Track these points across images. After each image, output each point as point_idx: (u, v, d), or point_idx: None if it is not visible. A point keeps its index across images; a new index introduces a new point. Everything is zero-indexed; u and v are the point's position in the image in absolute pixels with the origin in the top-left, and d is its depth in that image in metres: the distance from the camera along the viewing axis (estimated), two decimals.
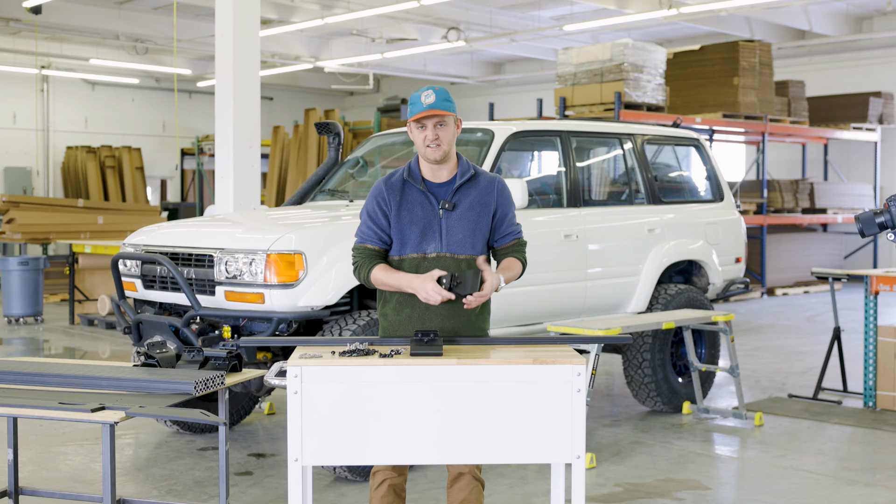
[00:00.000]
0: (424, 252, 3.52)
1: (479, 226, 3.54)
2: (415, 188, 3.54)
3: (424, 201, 3.54)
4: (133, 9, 17.16)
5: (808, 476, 5.29)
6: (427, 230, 3.52)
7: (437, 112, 3.43)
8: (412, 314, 3.53)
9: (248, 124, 9.22)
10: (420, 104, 3.45)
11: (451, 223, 3.52)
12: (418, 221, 3.52)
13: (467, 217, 3.53)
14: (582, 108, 12.54)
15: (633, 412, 6.86)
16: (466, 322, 3.55)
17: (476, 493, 3.54)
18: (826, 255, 16.24)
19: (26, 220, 12.65)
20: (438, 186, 3.55)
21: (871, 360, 6.92)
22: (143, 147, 21.13)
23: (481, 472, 3.63)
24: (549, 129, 6.58)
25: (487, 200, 3.56)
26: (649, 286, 6.66)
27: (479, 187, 3.56)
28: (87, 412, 3.28)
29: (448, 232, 3.52)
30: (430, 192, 3.54)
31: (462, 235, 3.52)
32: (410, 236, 3.52)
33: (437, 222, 3.53)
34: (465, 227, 3.53)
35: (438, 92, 3.46)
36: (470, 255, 3.54)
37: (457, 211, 3.53)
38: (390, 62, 20.13)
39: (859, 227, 3.50)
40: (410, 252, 3.52)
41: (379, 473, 3.56)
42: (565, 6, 16.37)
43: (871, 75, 17.43)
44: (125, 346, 9.95)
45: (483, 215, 3.55)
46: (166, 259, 5.26)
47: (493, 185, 3.58)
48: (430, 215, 3.53)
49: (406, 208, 3.53)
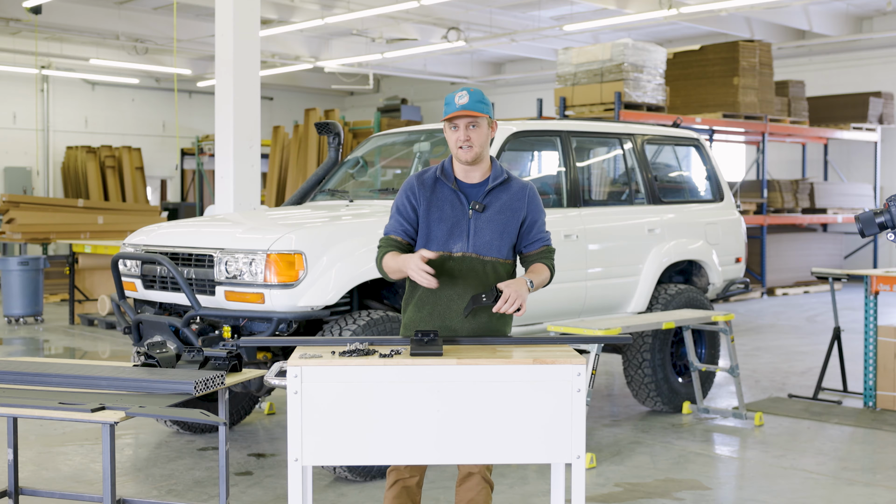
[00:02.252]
0: (451, 251, 3.52)
1: (507, 230, 3.54)
2: (446, 186, 3.54)
3: (455, 200, 3.53)
4: (133, 9, 17.16)
5: (808, 476, 5.29)
6: (455, 229, 3.52)
7: (469, 113, 3.42)
8: (433, 311, 3.53)
9: (248, 124, 9.22)
10: (453, 105, 3.45)
11: (480, 224, 3.52)
12: (447, 219, 3.52)
13: (496, 220, 3.53)
14: (582, 108, 12.54)
15: (633, 412, 6.86)
16: (487, 322, 3.55)
17: (484, 495, 3.54)
18: (826, 255, 16.24)
19: (26, 220, 12.65)
20: (470, 187, 3.55)
21: (871, 360, 6.92)
22: (143, 147, 21.13)
23: (492, 473, 3.62)
24: (549, 129, 6.58)
25: (518, 206, 3.56)
26: (649, 286, 6.66)
27: (510, 192, 3.56)
28: (87, 412, 3.28)
29: (476, 233, 3.52)
30: (461, 192, 3.54)
31: (490, 237, 3.52)
32: (437, 233, 3.52)
33: (466, 222, 3.52)
34: (493, 230, 3.52)
35: (473, 93, 3.45)
36: (496, 257, 3.53)
37: (487, 213, 3.53)
38: (390, 62, 20.13)
39: (859, 227, 3.50)
40: (437, 249, 3.52)
41: (393, 473, 3.56)
42: (565, 6, 16.37)
43: (871, 75, 17.43)
44: (125, 346, 9.95)
45: (512, 220, 3.55)
46: (166, 259, 5.26)
47: (524, 192, 3.58)
48: (458, 214, 3.53)
49: (436, 205, 3.53)
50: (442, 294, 3.52)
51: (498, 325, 3.59)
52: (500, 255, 3.55)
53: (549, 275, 3.61)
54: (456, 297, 3.52)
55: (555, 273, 3.65)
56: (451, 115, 3.43)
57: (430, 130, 6.58)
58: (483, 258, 3.53)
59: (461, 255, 3.52)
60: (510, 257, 3.60)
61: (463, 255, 3.52)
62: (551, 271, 3.62)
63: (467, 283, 3.52)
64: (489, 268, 3.53)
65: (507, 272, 3.59)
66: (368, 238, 5.17)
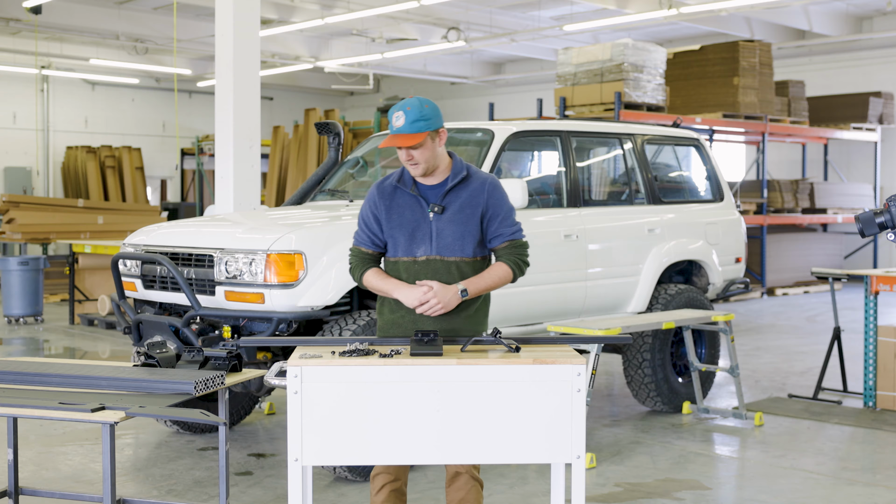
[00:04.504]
0: (415, 255, 3.53)
1: (468, 228, 3.52)
2: (405, 192, 3.55)
3: (415, 205, 3.53)
4: (133, 9, 17.16)
5: (808, 476, 5.29)
6: (416, 233, 3.52)
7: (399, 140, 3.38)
8: (407, 313, 3.54)
9: (248, 124, 9.22)
10: (391, 126, 3.43)
11: (442, 226, 3.52)
12: (407, 225, 3.52)
13: (457, 219, 3.52)
14: (582, 108, 12.54)
15: (633, 412, 6.86)
16: (464, 323, 3.55)
17: (474, 493, 3.54)
18: (826, 255, 16.24)
19: (26, 220, 12.65)
20: (430, 189, 3.55)
21: (871, 360, 6.92)
22: (143, 147, 21.12)
23: (480, 471, 3.62)
24: (549, 129, 6.58)
25: (477, 202, 3.54)
26: (649, 286, 6.66)
27: (470, 188, 3.54)
28: (87, 412, 3.28)
29: (438, 234, 3.51)
30: (420, 196, 3.54)
31: (452, 238, 3.51)
32: (400, 240, 3.53)
33: (427, 225, 3.52)
34: (454, 230, 3.51)
35: (409, 112, 3.39)
36: (460, 257, 3.53)
37: (447, 213, 3.52)
38: (390, 62, 20.13)
39: (859, 227, 3.50)
40: (402, 255, 3.55)
41: (378, 478, 3.55)
42: (565, 6, 16.37)
43: (871, 75, 17.43)
44: (125, 346, 9.95)
45: (472, 217, 3.53)
46: (166, 259, 5.26)
47: (484, 186, 3.55)
48: (419, 218, 3.53)
49: (396, 212, 3.54)
50: None
51: (472, 323, 3.58)
52: (465, 255, 3.53)
53: (508, 273, 3.56)
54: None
55: (523, 269, 3.60)
56: (385, 144, 3.40)
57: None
58: (447, 259, 3.52)
59: (425, 259, 3.52)
60: (478, 255, 3.57)
61: (427, 258, 3.52)
62: (515, 269, 3.57)
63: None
64: (454, 268, 3.52)
65: (475, 270, 3.57)
66: None
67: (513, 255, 3.59)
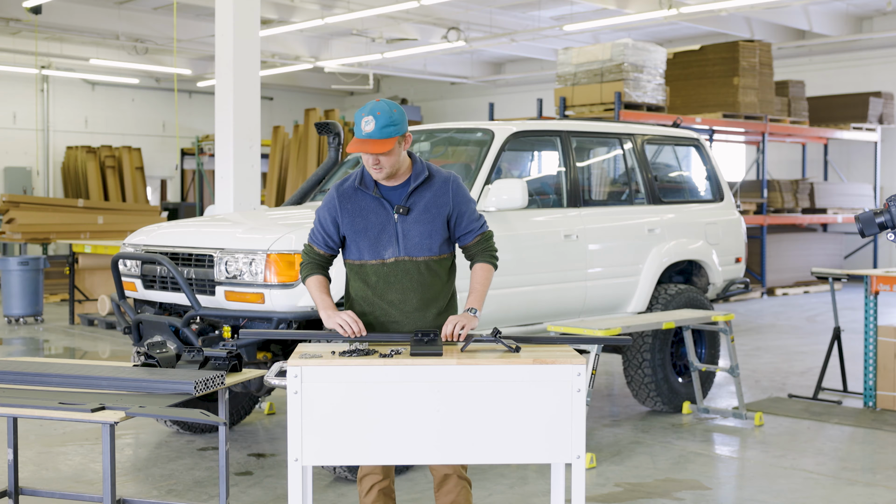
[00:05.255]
0: (383, 258, 3.53)
1: (434, 227, 3.54)
2: (367, 195, 3.54)
3: (378, 207, 3.53)
4: (133, 9, 17.16)
5: (808, 476, 5.29)
6: (382, 235, 3.52)
7: (371, 146, 3.36)
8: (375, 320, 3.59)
9: (248, 124, 9.22)
10: (359, 128, 3.40)
11: (407, 227, 3.52)
12: (372, 228, 3.52)
13: (423, 220, 3.52)
14: (582, 108, 12.53)
15: (633, 412, 6.86)
16: (435, 320, 3.58)
17: (465, 494, 3.55)
18: (826, 255, 16.24)
19: (26, 220, 12.65)
20: (392, 190, 3.54)
21: (871, 360, 6.92)
22: (143, 147, 21.12)
23: (467, 471, 3.62)
24: (549, 129, 6.58)
25: (443, 201, 3.55)
26: (649, 286, 6.66)
27: (433, 188, 3.55)
28: (87, 412, 3.28)
29: (404, 236, 3.52)
30: (383, 198, 3.53)
31: (419, 238, 3.52)
32: (366, 243, 3.53)
33: (393, 227, 3.52)
34: (421, 230, 3.52)
35: (379, 118, 3.38)
36: (428, 256, 3.54)
37: (412, 214, 3.52)
38: (390, 62, 20.13)
39: (859, 227, 3.50)
40: (369, 258, 3.54)
41: (366, 479, 3.56)
42: (565, 6, 16.37)
43: (871, 75, 17.43)
44: (125, 346, 9.95)
45: (438, 217, 3.54)
46: (166, 259, 5.26)
47: (447, 185, 3.57)
48: (384, 220, 3.52)
49: (360, 215, 3.53)
50: (381, 301, 3.55)
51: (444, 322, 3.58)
52: (433, 253, 3.55)
53: (492, 269, 3.63)
54: (397, 302, 3.54)
55: (497, 259, 3.66)
56: (354, 150, 3.38)
57: (431, 130, 6.59)
58: (416, 259, 3.53)
59: (394, 261, 3.53)
60: (445, 252, 3.59)
61: (395, 259, 3.53)
62: (492, 262, 3.63)
63: (405, 286, 3.54)
64: (423, 268, 3.54)
65: (444, 268, 3.60)
66: None
67: (487, 251, 3.64)
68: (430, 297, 3.57)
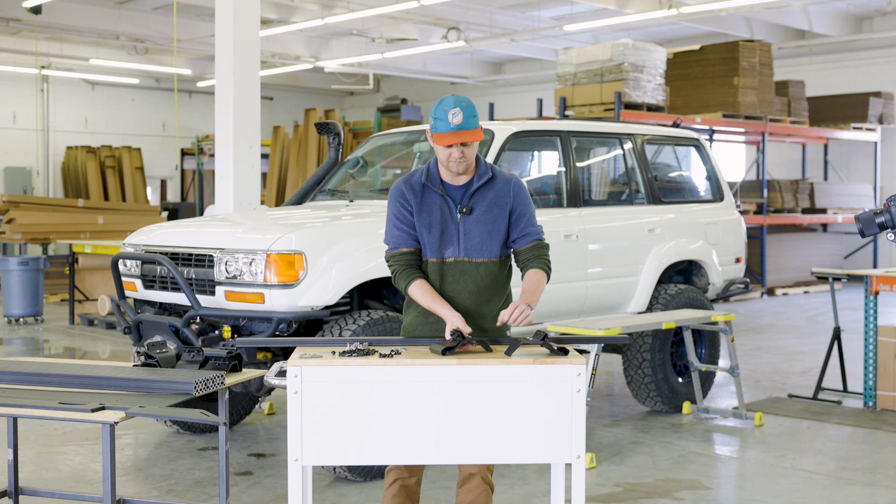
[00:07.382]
0: (443, 256, 3.51)
1: (495, 228, 3.52)
2: (433, 191, 3.52)
3: (443, 205, 3.51)
4: (133, 9, 17.16)
5: (808, 476, 5.29)
6: (445, 234, 3.51)
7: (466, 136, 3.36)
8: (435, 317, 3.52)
9: (248, 124, 9.22)
10: (446, 122, 3.35)
11: (469, 227, 3.50)
12: (436, 225, 3.50)
13: (484, 220, 3.51)
14: (582, 108, 12.53)
15: (633, 412, 6.86)
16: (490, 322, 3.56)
17: (484, 497, 3.54)
18: (826, 255, 16.24)
19: (26, 220, 12.65)
20: (456, 189, 3.53)
21: (871, 360, 6.92)
22: (143, 147, 21.12)
23: (492, 474, 3.62)
24: (549, 129, 6.58)
25: (504, 201, 3.53)
26: (649, 286, 6.66)
27: (495, 189, 3.53)
28: (87, 412, 3.28)
29: (465, 236, 3.50)
30: (448, 196, 3.51)
31: (479, 239, 3.51)
32: (430, 240, 3.51)
33: (455, 226, 3.51)
34: (482, 231, 3.51)
35: (465, 108, 3.36)
36: (488, 258, 3.52)
37: (474, 214, 3.50)
38: (390, 62, 20.13)
39: (859, 227, 3.50)
40: (430, 256, 3.52)
41: (392, 473, 3.56)
42: (565, 6, 16.37)
43: (871, 75, 17.43)
44: (125, 346, 9.95)
45: (500, 217, 3.52)
46: (166, 259, 5.26)
47: (509, 186, 3.55)
48: (447, 219, 3.51)
49: (426, 211, 3.51)
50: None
51: (496, 330, 3.60)
52: (492, 255, 3.53)
53: (546, 278, 3.58)
54: (455, 302, 3.52)
55: (551, 270, 3.63)
56: (450, 141, 3.35)
57: None
58: (474, 260, 3.51)
59: (453, 260, 3.51)
60: (503, 254, 3.58)
61: (455, 259, 3.51)
62: (546, 271, 3.59)
63: (463, 286, 3.52)
64: (482, 269, 3.52)
65: (502, 270, 3.59)
66: (368, 238, 5.17)
67: (542, 258, 3.59)
68: (485, 300, 3.55)
